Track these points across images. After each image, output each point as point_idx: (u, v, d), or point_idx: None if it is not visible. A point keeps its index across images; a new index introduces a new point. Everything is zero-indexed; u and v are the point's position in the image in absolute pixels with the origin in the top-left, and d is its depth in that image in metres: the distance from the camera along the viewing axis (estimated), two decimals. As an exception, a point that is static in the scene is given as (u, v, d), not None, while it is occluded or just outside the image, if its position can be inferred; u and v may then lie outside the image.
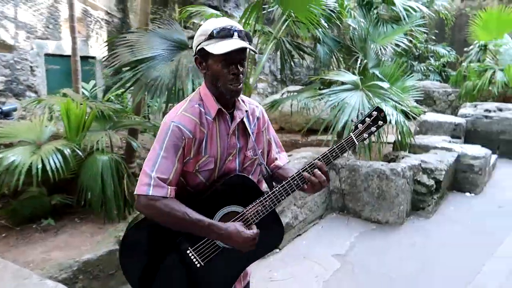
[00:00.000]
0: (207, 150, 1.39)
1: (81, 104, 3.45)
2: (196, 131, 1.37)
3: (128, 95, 5.69)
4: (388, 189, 4.10)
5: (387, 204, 4.12)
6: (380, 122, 1.49)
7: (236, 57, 1.32)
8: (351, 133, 1.48)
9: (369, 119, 1.48)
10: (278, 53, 6.06)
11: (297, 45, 6.03)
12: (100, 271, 2.69)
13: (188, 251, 1.39)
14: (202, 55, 1.36)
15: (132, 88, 3.73)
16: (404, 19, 6.37)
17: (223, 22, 1.36)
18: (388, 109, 4.68)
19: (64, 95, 4.24)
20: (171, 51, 3.86)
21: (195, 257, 1.39)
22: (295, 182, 1.43)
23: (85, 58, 7.31)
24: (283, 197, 1.43)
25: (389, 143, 5.51)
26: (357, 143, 1.47)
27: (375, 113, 1.48)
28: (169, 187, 1.33)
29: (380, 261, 3.36)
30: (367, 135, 1.48)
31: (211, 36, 1.32)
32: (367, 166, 4.23)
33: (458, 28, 15.67)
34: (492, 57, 9.47)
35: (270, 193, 1.42)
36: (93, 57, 7.82)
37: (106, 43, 4.29)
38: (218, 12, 5.55)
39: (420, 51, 12.53)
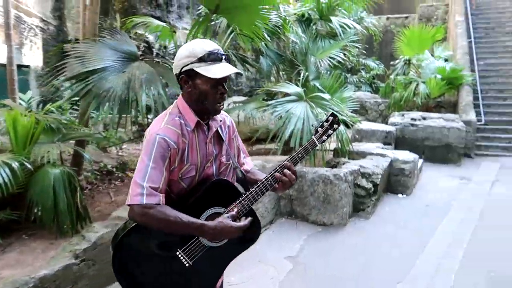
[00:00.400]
0: (189, 159, 1.52)
1: (27, 116, 3.34)
2: (179, 142, 1.49)
3: (70, 106, 5.51)
4: (332, 193, 4.41)
5: (332, 207, 4.43)
6: (336, 126, 1.74)
7: (223, 79, 1.49)
8: (313, 136, 1.71)
9: (326, 123, 1.73)
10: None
11: (242, 57, 6.25)
12: (57, 286, 2.64)
13: (177, 253, 1.50)
14: (189, 75, 1.49)
15: (76, 98, 3.68)
16: (340, 35, 6.88)
17: (209, 45, 1.49)
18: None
19: (4, 106, 4.04)
20: (122, 62, 3.86)
21: (184, 258, 1.50)
22: (268, 182, 1.60)
23: (18, 67, 6.91)
24: (259, 196, 1.59)
25: (330, 150, 5.88)
26: (318, 144, 1.71)
27: (331, 118, 1.73)
28: (160, 194, 1.43)
29: (330, 259, 3.63)
30: (326, 137, 1.73)
31: (201, 60, 1.46)
32: (312, 172, 4.52)
33: (385, 43, 17.00)
34: (415, 70, 10.46)
35: (247, 193, 1.58)
36: (27, 66, 7.40)
37: (52, 53, 4.17)
38: (164, 24, 5.59)
39: (353, 64, 13.40)
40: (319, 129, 1.72)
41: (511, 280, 3.26)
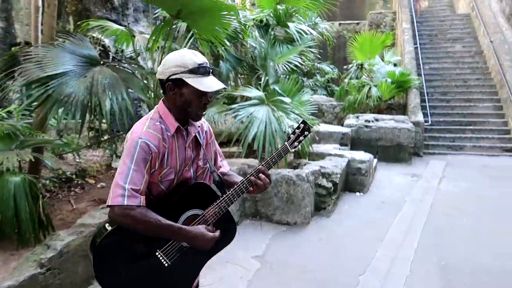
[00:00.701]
0: (168, 162, 1.59)
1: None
2: (160, 146, 1.55)
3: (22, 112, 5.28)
4: (295, 193, 4.57)
5: (295, 206, 4.59)
6: (306, 132, 1.86)
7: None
8: (285, 142, 1.82)
9: (298, 130, 1.84)
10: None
11: (203, 62, 6.27)
12: (23, 297, 2.56)
13: (157, 253, 1.55)
14: (177, 84, 1.56)
15: (35, 103, 3.57)
16: (297, 40, 7.10)
17: (199, 58, 1.56)
18: (289, 121, 5.23)
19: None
20: (82, 67, 3.79)
21: (163, 258, 1.55)
22: (244, 185, 1.69)
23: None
24: (235, 199, 1.67)
25: (291, 152, 6.05)
26: (291, 150, 1.82)
27: (302, 125, 1.85)
28: (141, 196, 1.48)
29: (295, 256, 3.77)
30: (297, 143, 1.83)
31: (191, 71, 1.53)
32: (276, 174, 4.65)
33: (338, 48, 17.65)
34: (367, 74, 10.97)
35: (224, 196, 1.66)
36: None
37: (6, 57, 4.00)
38: (123, 28, 5.52)
39: (308, 69, 13.80)
40: (291, 135, 1.83)
41: (459, 268, 3.55)
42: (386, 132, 8.31)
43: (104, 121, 6.75)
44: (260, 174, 1.69)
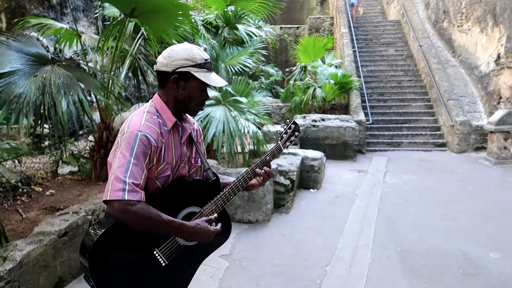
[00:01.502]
0: (165, 158, 1.54)
1: None
2: (158, 140, 1.50)
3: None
4: (256, 192, 4.62)
5: (256, 204, 4.65)
6: (297, 133, 1.93)
7: (207, 85, 1.58)
8: (279, 142, 1.87)
9: (290, 130, 1.90)
10: (125, 70, 5.93)
11: (154, 63, 6.14)
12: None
13: (154, 252, 1.50)
14: (184, 77, 1.53)
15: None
16: (247, 42, 7.20)
17: (204, 54, 1.57)
18: (245, 122, 5.29)
19: None
20: (31, 66, 3.56)
21: (161, 257, 1.50)
22: (244, 180, 1.71)
23: None
24: (231, 196, 1.68)
25: (246, 152, 6.11)
26: (283, 150, 1.88)
27: (293, 125, 1.92)
28: (142, 191, 1.41)
29: (262, 252, 3.82)
30: (289, 143, 1.90)
31: (199, 66, 1.53)
32: (236, 173, 4.67)
33: (280, 51, 18.11)
34: (311, 76, 11.38)
35: (222, 193, 1.65)
36: None
37: None
38: (67, 27, 5.24)
39: (253, 71, 13.99)
40: (284, 135, 1.88)
41: (414, 251, 3.83)
42: (332, 131, 8.68)
43: (46, 126, 6.35)
44: (265, 167, 1.74)
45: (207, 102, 5.25)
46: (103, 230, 1.43)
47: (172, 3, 4.34)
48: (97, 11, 8.06)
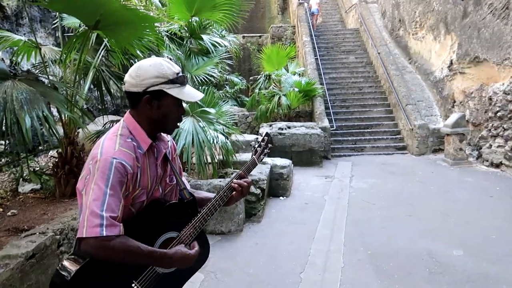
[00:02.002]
0: (140, 183, 1.45)
1: None
2: (134, 165, 1.41)
3: None
4: (228, 202, 4.63)
5: (228, 215, 4.65)
6: (270, 145, 1.94)
7: (182, 100, 1.52)
8: (253, 156, 1.85)
9: (263, 143, 1.90)
10: (88, 83, 5.80)
11: (118, 74, 6.03)
12: None
13: (133, 284, 1.42)
14: (156, 96, 1.45)
15: None
16: (212, 52, 7.23)
17: (175, 67, 1.49)
18: (213, 132, 5.30)
19: None
20: (-10, 81, 3.41)
21: None
22: (221, 198, 1.66)
23: None
24: (209, 217, 1.62)
25: (216, 162, 6.11)
26: (258, 163, 1.86)
27: (266, 138, 1.92)
28: (120, 224, 1.33)
29: (236, 262, 3.83)
30: (263, 156, 1.90)
31: (172, 82, 1.45)
32: (207, 184, 4.67)
33: (243, 60, 18.26)
34: (275, 84, 11.54)
35: (199, 215, 1.59)
36: None
37: None
38: (26, 39, 5.06)
39: (218, 80, 14.01)
40: (258, 148, 1.86)
41: (383, 253, 3.97)
42: (298, 138, 8.83)
43: (1, 142, 6.06)
44: (240, 180, 1.71)
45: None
46: (75, 269, 1.33)
47: (137, 15, 4.31)
48: (55, 21, 7.82)
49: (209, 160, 5.13)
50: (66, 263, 1.38)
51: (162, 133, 1.63)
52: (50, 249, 3.10)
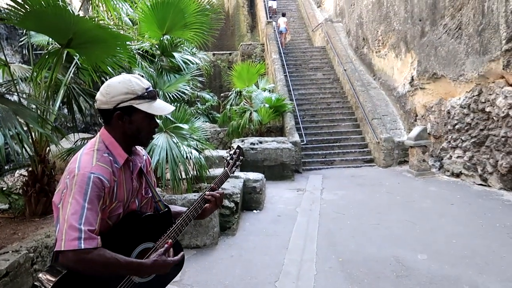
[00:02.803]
0: (117, 196, 1.51)
1: None
2: (111, 180, 1.47)
3: None
4: (202, 216, 4.70)
5: (203, 229, 4.71)
6: (241, 157, 2.09)
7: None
8: (226, 168, 1.99)
9: (235, 155, 2.05)
10: (59, 100, 5.76)
11: (89, 92, 6.03)
12: None
13: None
14: (127, 112, 1.52)
15: None
16: (184, 69, 7.35)
17: (144, 82, 1.55)
18: (187, 148, 5.39)
19: None
20: (-39, 99, 3.39)
21: None
22: (195, 209, 1.76)
23: None
24: (183, 228, 1.70)
25: (190, 177, 6.17)
26: (230, 174, 2.00)
27: (238, 150, 2.07)
28: (98, 237, 1.37)
29: (212, 275, 3.88)
30: (235, 168, 2.05)
31: (141, 97, 1.52)
32: (182, 199, 4.72)
33: (214, 76, 18.45)
34: (246, 101, 11.75)
35: (174, 226, 1.65)
36: None
37: None
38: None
39: (189, 97, 14.09)
40: (230, 161, 2.00)
41: (354, 260, 4.14)
42: (270, 152, 9.02)
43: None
44: (212, 192, 1.83)
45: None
46: (55, 280, 1.34)
47: (110, 33, 4.38)
48: (22, 39, 7.76)
49: (183, 176, 5.20)
50: (43, 276, 1.38)
51: (137, 147, 1.71)
52: (24, 267, 3.07)
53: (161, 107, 1.58)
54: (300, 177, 9.24)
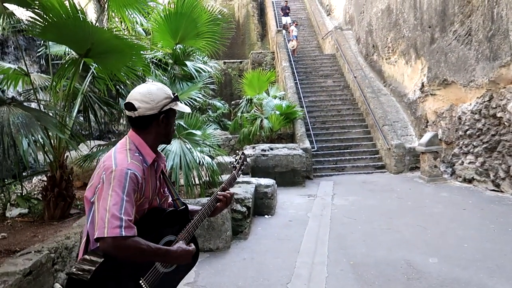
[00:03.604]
0: (144, 192, 1.66)
1: None
2: (142, 177, 1.63)
3: None
4: (215, 220, 4.80)
5: (216, 232, 4.81)
6: (245, 162, 2.27)
7: None
8: (233, 171, 2.18)
9: (240, 160, 2.24)
10: (76, 109, 5.93)
11: (106, 100, 6.22)
12: None
13: (140, 281, 1.61)
14: (168, 114, 1.72)
15: None
16: (196, 78, 7.52)
17: (166, 87, 1.76)
18: (200, 154, 5.51)
19: None
20: (-13, 107, 3.57)
21: (145, 285, 1.62)
22: (209, 207, 1.92)
23: None
24: (200, 223, 1.87)
25: (203, 182, 6.28)
26: (237, 178, 2.19)
27: (242, 156, 2.26)
28: (135, 226, 1.53)
29: (225, 277, 3.97)
30: (240, 172, 2.22)
31: (173, 100, 1.73)
32: (195, 203, 4.83)
33: (225, 85, 18.65)
34: (257, 108, 11.88)
35: (192, 222, 1.82)
36: None
37: None
38: (15, 67, 5.23)
39: (200, 105, 14.29)
40: (237, 165, 2.20)
41: (365, 263, 4.20)
42: (281, 159, 9.10)
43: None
44: (223, 192, 1.99)
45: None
46: (94, 268, 1.49)
47: (126, 43, 4.55)
48: (40, 50, 8.02)
49: (197, 181, 5.32)
50: (81, 264, 1.52)
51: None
52: (45, 267, 3.20)
53: (184, 107, 1.81)
54: (311, 183, 9.29)
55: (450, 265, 4.05)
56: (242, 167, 2.20)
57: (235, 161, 2.21)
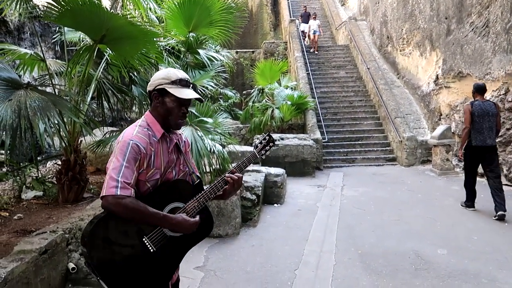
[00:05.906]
0: (154, 164, 1.81)
1: None
2: (147, 148, 1.78)
3: None
4: (225, 206, 4.86)
5: (226, 219, 4.87)
6: (271, 144, 2.22)
7: (186, 102, 1.86)
8: (254, 150, 2.15)
9: (264, 141, 2.19)
10: (90, 94, 6.02)
11: (119, 87, 6.28)
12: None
13: (144, 239, 1.72)
14: (161, 93, 1.83)
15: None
16: (209, 66, 7.53)
17: (182, 74, 1.86)
18: (210, 142, 5.55)
19: None
20: (5, 90, 3.65)
21: (149, 244, 1.73)
22: (219, 184, 1.97)
23: None
24: (211, 195, 1.93)
25: (208, 172, 6.34)
26: (258, 157, 2.16)
27: (267, 137, 2.20)
28: (132, 189, 1.69)
29: (234, 262, 4.04)
30: (264, 152, 2.18)
31: (174, 83, 1.81)
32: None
33: (236, 74, 18.63)
34: (268, 98, 11.87)
35: (203, 192, 1.91)
36: None
37: None
38: (32, 52, 5.32)
39: (212, 94, 14.32)
40: (259, 144, 2.17)
41: (373, 253, 4.22)
42: (291, 149, 9.11)
43: (1, 152, 6.25)
44: (232, 175, 2.00)
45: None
46: (97, 220, 1.69)
47: (140, 30, 4.59)
48: (55, 36, 8.11)
49: (207, 169, 5.37)
50: (93, 219, 1.72)
51: (177, 131, 1.98)
52: (60, 247, 3.30)
53: (186, 92, 1.83)
54: (321, 174, 9.29)
55: (459, 256, 4.05)
56: (266, 147, 2.17)
57: (259, 141, 2.19)
